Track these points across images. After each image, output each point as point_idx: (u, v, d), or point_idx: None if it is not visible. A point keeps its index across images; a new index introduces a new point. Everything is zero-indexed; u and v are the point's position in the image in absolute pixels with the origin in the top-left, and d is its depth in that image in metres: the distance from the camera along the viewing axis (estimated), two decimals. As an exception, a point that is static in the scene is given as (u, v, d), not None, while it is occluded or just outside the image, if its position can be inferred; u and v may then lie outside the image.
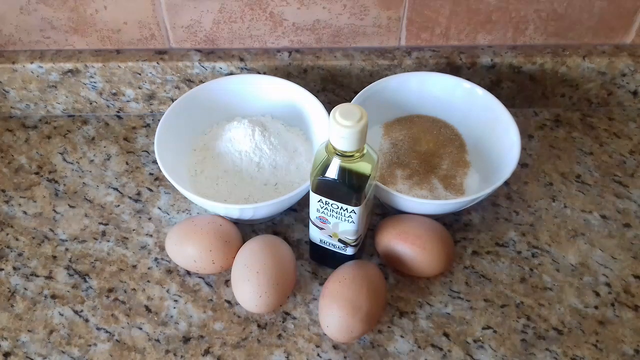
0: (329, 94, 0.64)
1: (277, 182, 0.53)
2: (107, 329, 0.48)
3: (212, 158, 0.54)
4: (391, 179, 0.53)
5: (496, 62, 0.61)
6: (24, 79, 0.61)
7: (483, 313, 0.49)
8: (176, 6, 0.57)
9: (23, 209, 0.56)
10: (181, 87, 0.62)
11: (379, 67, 0.61)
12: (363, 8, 0.57)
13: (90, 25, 0.59)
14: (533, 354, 0.47)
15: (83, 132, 0.63)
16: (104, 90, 0.62)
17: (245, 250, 0.48)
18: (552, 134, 0.63)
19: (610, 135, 0.63)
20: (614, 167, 0.59)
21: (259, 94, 0.58)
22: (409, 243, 0.48)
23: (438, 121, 0.58)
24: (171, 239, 0.50)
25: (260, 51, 0.61)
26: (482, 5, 0.57)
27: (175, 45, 0.61)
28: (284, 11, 0.58)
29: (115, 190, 0.58)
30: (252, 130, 0.54)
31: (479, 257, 0.53)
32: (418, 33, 0.60)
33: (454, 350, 0.47)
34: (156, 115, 0.65)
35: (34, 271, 0.52)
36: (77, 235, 0.54)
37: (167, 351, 0.47)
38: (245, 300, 0.46)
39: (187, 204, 0.56)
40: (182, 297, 0.50)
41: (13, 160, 0.60)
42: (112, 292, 0.50)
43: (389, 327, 0.48)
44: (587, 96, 0.64)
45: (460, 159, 0.55)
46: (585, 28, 0.60)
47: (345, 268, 0.47)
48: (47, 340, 0.48)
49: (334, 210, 0.44)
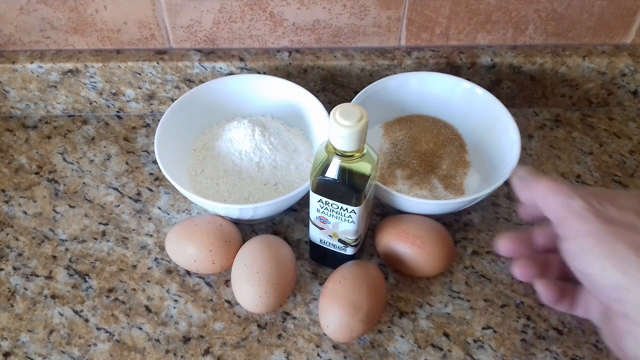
0: (329, 94, 0.64)
1: (277, 182, 0.53)
2: (107, 329, 0.48)
3: (212, 158, 0.54)
4: (391, 179, 0.53)
5: (496, 62, 0.61)
6: (24, 79, 0.61)
7: (483, 313, 0.49)
8: (176, 6, 0.57)
9: (23, 209, 0.56)
10: (181, 87, 0.62)
11: (379, 67, 0.61)
12: (363, 8, 0.57)
13: (90, 25, 0.59)
14: (533, 354, 0.47)
15: (83, 132, 0.63)
16: (104, 90, 0.62)
17: (245, 250, 0.48)
18: (552, 134, 0.63)
19: (610, 135, 0.63)
20: (614, 167, 0.59)
21: (259, 94, 0.58)
22: (409, 243, 0.48)
23: (438, 121, 0.58)
24: (171, 239, 0.50)
25: (260, 51, 0.61)
26: (482, 5, 0.57)
27: (175, 45, 0.61)
28: (284, 11, 0.58)
29: (115, 190, 0.58)
30: (252, 130, 0.54)
31: (479, 257, 0.53)
32: (418, 33, 0.60)
33: (454, 350, 0.47)
34: (156, 115, 0.65)
35: (34, 271, 0.52)
36: (77, 235, 0.54)
37: (167, 351, 0.47)
38: (245, 300, 0.46)
39: (187, 204, 0.56)
40: (182, 297, 0.50)
41: (13, 160, 0.60)
42: (112, 292, 0.50)
43: (389, 327, 0.48)
44: (587, 96, 0.64)
45: (460, 159, 0.55)
46: (585, 28, 0.60)
47: (345, 268, 0.47)
48: (47, 340, 0.48)
49: (334, 210, 0.44)
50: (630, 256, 0.34)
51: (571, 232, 0.36)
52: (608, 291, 0.35)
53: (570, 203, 0.36)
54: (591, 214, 0.35)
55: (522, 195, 0.41)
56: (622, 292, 0.34)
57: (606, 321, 0.38)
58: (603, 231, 0.35)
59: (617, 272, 0.34)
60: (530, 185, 0.39)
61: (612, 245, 0.34)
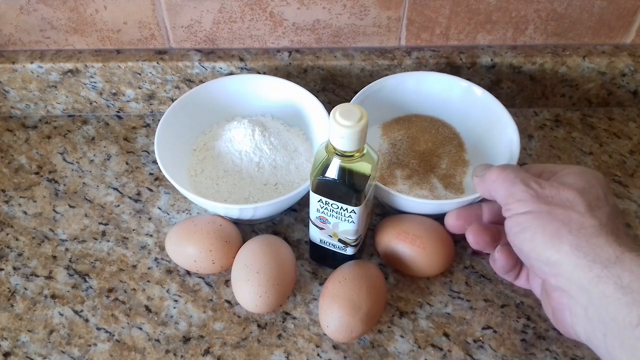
0: (329, 94, 0.64)
1: (277, 182, 0.53)
2: (107, 329, 0.48)
3: (212, 158, 0.54)
4: (391, 179, 0.53)
5: (496, 62, 0.61)
6: (24, 79, 0.61)
7: (483, 313, 0.49)
8: (176, 6, 0.57)
9: (23, 209, 0.56)
10: (181, 87, 0.62)
11: (379, 67, 0.61)
12: (363, 8, 0.57)
13: (90, 25, 0.59)
14: (533, 354, 0.47)
15: (83, 132, 0.63)
16: (104, 90, 0.62)
17: (245, 250, 0.48)
18: (552, 134, 0.63)
19: (610, 135, 0.63)
20: (614, 167, 0.59)
21: (259, 94, 0.58)
22: (408, 243, 0.48)
23: (436, 120, 0.58)
24: (171, 239, 0.50)
25: (260, 51, 0.61)
26: (482, 5, 0.57)
27: (175, 45, 0.61)
28: (284, 11, 0.58)
29: (115, 190, 0.58)
30: (252, 130, 0.54)
31: (479, 257, 0.53)
32: (418, 33, 0.60)
33: (454, 350, 0.47)
34: (156, 115, 0.65)
35: (34, 271, 0.52)
36: (77, 235, 0.54)
37: (167, 351, 0.47)
38: (245, 300, 0.46)
39: (187, 204, 0.56)
40: (182, 297, 0.50)
41: (13, 160, 0.60)
42: (112, 292, 0.50)
43: (389, 327, 0.48)
44: (587, 96, 0.64)
45: (459, 158, 0.55)
46: (585, 28, 0.60)
47: (345, 268, 0.47)
48: (47, 340, 0.48)
49: (334, 210, 0.44)
50: (563, 232, 0.36)
51: (511, 213, 0.39)
52: (544, 267, 0.37)
53: (512, 189, 0.39)
54: (530, 195, 0.38)
55: (479, 189, 0.44)
56: (556, 267, 0.36)
57: (545, 295, 0.40)
58: (539, 210, 0.37)
59: (551, 248, 0.36)
60: (484, 178, 0.42)
61: (546, 223, 0.37)
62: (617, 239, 0.35)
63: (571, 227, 0.36)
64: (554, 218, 0.37)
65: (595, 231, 0.36)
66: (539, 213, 0.37)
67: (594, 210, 0.37)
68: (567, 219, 0.36)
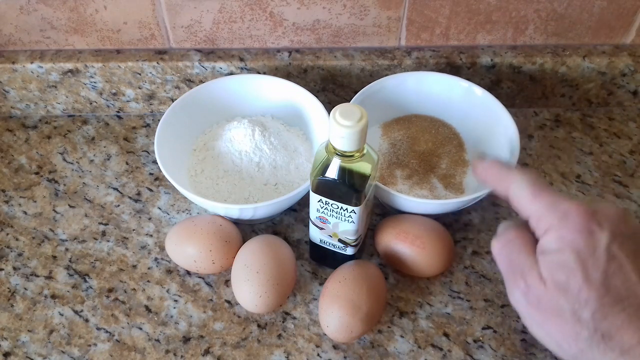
0: (329, 94, 0.64)
1: (277, 182, 0.53)
2: (107, 329, 0.48)
3: (212, 158, 0.54)
4: (391, 179, 0.53)
5: (496, 62, 0.61)
6: (24, 79, 0.61)
7: (483, 313, 0.49)
8: (176, 6, 0.57)
9: (23, 209, 0.56)
10: (181, 87, 0.62)
11: (379, 67, 0.61)
12: (363, 8, 0.57)
13: (90, 25, 0.59)
14: (533, 354, 0.47)
15: (83, 132, 0.63)
16: (104, 90, 0.62)
17: (245, 250, 0.48)
18: (552, 134, 0.63)
19: (610, 135, 0.63)
20: (614, 167, 0.59)
21: (259, 94, 0.58)
22: (408, 243, 0.48)
23: (436, 120, 0.58)
24: (171, 239, 0.50)
25: (260, 51, 0.61)
26: (482, 5, 0.57)
27: (175, 45, 0.61)
28: (284, 11, 0.58)
29: (115, 190, 0.58)
30: (252, 130, 0.54)
31: (479, 257, 0.53)
32: (418, 33, 0.60)
33: (454, 350, 0.47)
34: (156, 115, 0.65)
35: (34, 271, 0.52)
36: (77, 235, 0.54)
37: (167, 351, 0.47)
38: (245, 300, 0.46)
39: (187, 204, 0.56)
40: (182, 297, 0.50)
41: (13, 160, 0.60)
42: (112, 292, 0.50)
43: (389, 327, 0.48)
44: (587, 96, 0.64)
45: (459, 158, 0.55)
46: (585, 28, 0.60)
47: (345, 268, 0.47)
48: (47, 340, 0.48)
49: (334, 210, 0.44)
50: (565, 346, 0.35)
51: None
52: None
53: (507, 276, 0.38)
54: (524, 298, 0.36)
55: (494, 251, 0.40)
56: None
57: None
58: (531, 315, 0.36)
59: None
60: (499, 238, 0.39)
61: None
62: (604, 347, 0.32)
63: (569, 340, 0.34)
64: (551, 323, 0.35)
65: (587, 346, 0.33)
66: (533, 317, 0.36)
67: (577, 313, 0.33)
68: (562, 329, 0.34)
